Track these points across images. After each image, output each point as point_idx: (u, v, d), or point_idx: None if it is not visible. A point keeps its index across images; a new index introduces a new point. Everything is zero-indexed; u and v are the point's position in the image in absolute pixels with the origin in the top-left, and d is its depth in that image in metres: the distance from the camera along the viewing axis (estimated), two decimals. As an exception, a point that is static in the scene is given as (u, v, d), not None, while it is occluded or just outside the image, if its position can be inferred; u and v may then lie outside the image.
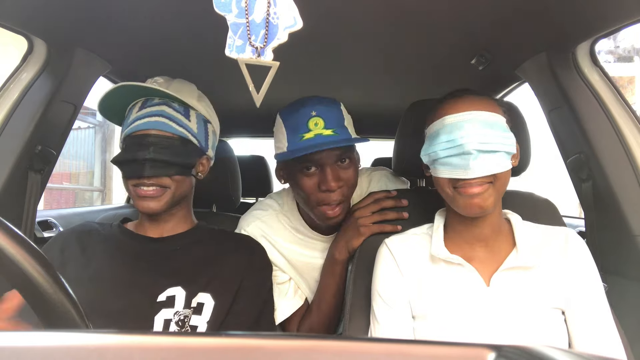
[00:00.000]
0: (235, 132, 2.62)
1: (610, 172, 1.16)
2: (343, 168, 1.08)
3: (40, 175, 1.22)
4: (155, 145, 0.92)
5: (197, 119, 1.00)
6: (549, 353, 0.28)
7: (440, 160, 0.87)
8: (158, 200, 0.94)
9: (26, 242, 0.41)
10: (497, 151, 0.84)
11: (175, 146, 0.94)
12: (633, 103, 2.50)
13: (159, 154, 0.92)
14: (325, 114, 1.06)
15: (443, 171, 0.87)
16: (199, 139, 0.99)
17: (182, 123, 0.96)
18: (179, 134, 0.95)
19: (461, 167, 0.84)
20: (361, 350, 0.30)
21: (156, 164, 0.92)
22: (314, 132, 1.04)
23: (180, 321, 0.90)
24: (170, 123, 0.95)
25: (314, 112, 1.06)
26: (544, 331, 0.85)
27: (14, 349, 0.29)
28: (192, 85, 1.07)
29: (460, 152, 0.83)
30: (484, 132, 0.84)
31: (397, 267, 0.95)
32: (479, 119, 0.85)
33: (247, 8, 0.60)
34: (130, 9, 1.04)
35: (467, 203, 0.85)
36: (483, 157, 0.83)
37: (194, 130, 0.98)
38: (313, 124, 1.05)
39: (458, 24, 1.12)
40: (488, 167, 0.83)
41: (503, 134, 0.85)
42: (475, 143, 0.82)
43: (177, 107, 0.97)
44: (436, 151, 0.87)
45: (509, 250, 0.90)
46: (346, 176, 1.08)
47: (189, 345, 0.30)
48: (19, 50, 1.18)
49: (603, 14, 1.01)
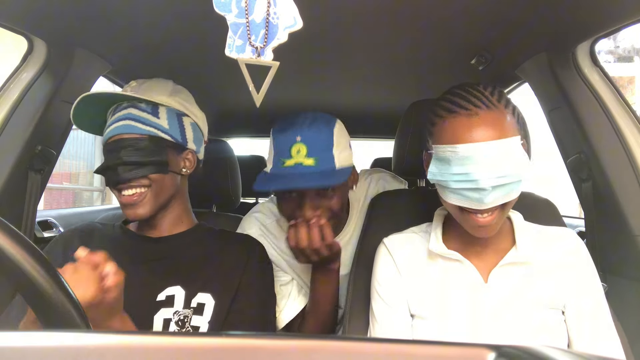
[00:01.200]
0: (235, 132, 2.62)
1: (610, 172, 1.16)
2: (325, 197, 1.05)
3: (40, 175, 1.22)
4: (125, 148, 0.93)
5: (169, 114, 0.99)
6: (548, 353, 0.28)
7: (452, 189, 0.82)
8: (142, 206, 0.94)
9: (26, 242, 0.41)
10: (512, 182, 0.79)
11: (145, 146, 0.94)
12: (633, 103, 2.50)
13: (129, 156, 0.92)
14: (311, 140, 1.02)
15: (453, 198, 0.82)
16: (172, 135, 0.98)
17: (149, 122, 0.96)
18: (147, 133, 0.95)
19: (475, 200, 0.79)
20: (361, 350, 0.30)
21: (128, 167, 0.92)
22: (295, 160, 1.01)
23: (180, 321, 0.90)
24: (136, 124, 0.94)
25: (299, 137, 1.02)
26: (542, 330, 0.84)
27: (14, 349, 0.29)
28: (166, 82, 1.05)
29: (475, 187, 0.78)
30: (500, 166, 0.77)
31: (394, 266, 0.95)
32: (495, 150, 0.78)
33: (247, 8, 0.61)
34: (131, 9, 1.04)
35: (474, 227, 0.83)
36: (498, 191, 0.79)
37: (164, 126, 0.97)
38: (295, 151, 1.02)
39: (458, 24, 1.12)
40: (502, 199, 0.80)
41: (519, 162, 0.79)
42: (492, 179, 0.77)
43: (143, 107, 0.97)
44: (447, 181, 0.81)
45: (508, 248, 0.90)
46: (328, 204, 1.05)
47: (189, 345, 0.30)
48: (19, 51, 1.18)
49: (603, 14, 1.01)
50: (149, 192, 0.94)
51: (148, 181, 0.94)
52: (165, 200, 0.99)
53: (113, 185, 0.95)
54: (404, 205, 1.18)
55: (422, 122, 0.97)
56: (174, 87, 1.05)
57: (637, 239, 1.12)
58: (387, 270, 0.96)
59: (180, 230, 1.03)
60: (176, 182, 1.01)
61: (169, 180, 0.98)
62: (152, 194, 0.95)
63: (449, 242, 0.93)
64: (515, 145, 0.80)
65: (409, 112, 1.21)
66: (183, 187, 1.05)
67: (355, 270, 1.09)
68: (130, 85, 1.03)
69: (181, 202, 1.05)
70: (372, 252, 1.05)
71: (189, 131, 1.02)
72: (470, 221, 0.82)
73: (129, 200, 0.93)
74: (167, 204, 1.01)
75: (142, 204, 0.94)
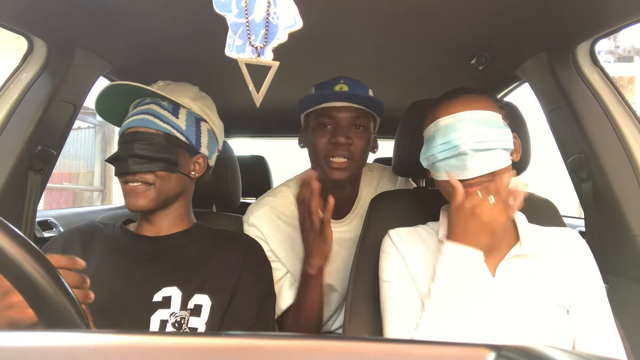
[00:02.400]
0: (235, 132, 2.62)
1: (610, 172, 1.16)
2: (355, 133, 1.18)
3: (40, 175, 1.22)
4: (139, 141, 0.94)
5: (188, 117, 1.00)
6: (549, 353, 0.28)
7: (438, 162, 0.88)
8: (144, 197, 0.95)
9: (26, 242, 0.41)
10: (493, 149, 0.84)
11: (159, 142, 0.95)
12: (633, 103, 2.50)
13: (142, 150, 0.93)
14: (352, 83, 1.20)
15: (442, 174, 0.88)
16: (187, 136, 0.99)
17: (167, 120, 0.97)
18: (163, 130, 0.96)
19: (459, 168, 0.84)
20: (361, 350, 0.30)
21: (139, 160, 0.93)
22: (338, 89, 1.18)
23: (177, 323, 0.90)
24: (155, 120, 0.96)
25: (342, 80, 1.21)
26: (548, 326, 0.84)
27: (14, 349, 0.29)
28: (192, 87, 1.08)
29: (457, 153, 0.84)
30: (478, 131, 0.84)
31: (399, 254, 0.96)
32: (472, 118, 0.85)
33: (247, 8, 0.60)
34: (131, 9, 1.04)
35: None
36: (480, 156, 0.83)
37: (182, 127, 0.98)
38: (338, 87, 1.20)
39: (458, 24, 1.12)
40: (486, 166, 0.84)
41: (499, 131, 0.85)
42: (471, 143, 0.83)
43: (165, 105, 0.99)
44: (434, 154, 0.88)
45: (513, 244, 0.91)
46: (357, 140, 1.18)
47: (188, 346, 0.30)
48: (19, 51, 1.18)
49: (603, 14, 1.01)
50: (153, 187, 0.95)
51: (154, 177, 0.95)
52: (169, 198, 0.99)
53: (120, 176, 0.96)
54: (404, 205, 1.18)
55: (422, 122, 0.97)
56: (199, 93, 1.07)
57: (637, 239, 1.12)
58: (392, 258, 0.96)
59: (178, 230, 1.03)
60: (183, 183, 1.01)
61: (175, 180, 0.99)
62: (156, 189, 0.96)
63: None
64: (496, 118, 0.86)
65: (409, 112, 1.21)
66: (189, 189, 1.06)
67: (356, 270, 1.09)
68: (157, 84, 1.04)
69: (185, 203, 1.05)
70: (372, 251, 1.04)
71: (204, 136, 1.04)
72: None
73: (132, 189, 0.94)
74: (170, 203, 1.01)
75: (144, 195, 0.95)
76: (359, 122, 1.19)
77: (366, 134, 1.21)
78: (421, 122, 0.98)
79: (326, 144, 1.17)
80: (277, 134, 2.72)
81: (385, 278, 0.96)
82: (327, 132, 1.19)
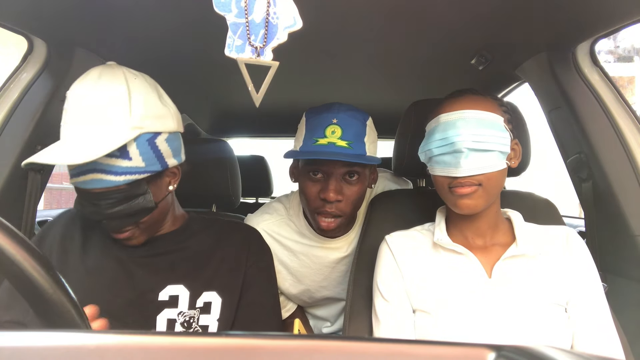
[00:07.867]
0: (235, 132, 2.62)
1: (610, 172, 1.16)
2: (349, 183, 1.08)
3: (40, 175, 1.22)
4: (104, 200, 0.82)
5: (140, 147, 0.82)
6: (549, 353, 0.28)
7: (435, 157, 0.89)
8: (136, 238, 0.91)
9: (26, 242, 0.41)
10: (490, 150, 0.84)
11: (125, 195, 0.82)
12: (633, 103, 2.50)
13: (112, 208, 0.82)
14: (346, 123, 1.05)
15: (437, 169, 0.89)
16: (150, 169, 0.85)
17: (121, 170, 0.80)
18: (123, 183, 0.81)
19: (453, 165, 0.85)
20: (361, 350, 0.30)
21: (114, 222, 0.85)
22: (328, 140, 1.03)
23: (186, 322, 0.89)
24: (107, 177, 0.79)
25: (335, 119, 1.05)
26: (546, 326, 0.85)
27: (14, 349, 0.29)
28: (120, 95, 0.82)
29: (453, 150, 0.84)
30: (477, 130, 0.84)
31: (395, 262, 0.96)
32: (473, 117, 0.85)
33: (246, 8, 0.60)
34: (130, 9, 1.04)
35: (457, 202, 0.87)
36: (474, 156, 0.84)
37: (140, 165, 0.82)
38: (330, 131, 1.04)
39: (458, 24, 1.12)
40: (478, 166, 0.84)
41: (498, 133, 0.85)
42: (468, 142, 0.83)
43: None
44: (431, 149, 0.89)
45: (509, 244, 0.91)
46: (349, 192, 1.08)
47: (189, 346, 0.30)
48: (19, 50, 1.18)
49: (603, 14, 1.01)
50: (139, 228, 0.90)
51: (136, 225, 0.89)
52: (159, 223, 0.96)
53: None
54: (404, 205, 1.18)
55: (422, 121, 0.97)
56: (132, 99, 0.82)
57: (637, 239, 1.12)
58: (387, 266, 0.97)
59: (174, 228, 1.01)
60: (165, 204, 0.94)
61: (158, 210, 0.91)
62: (144, 231, 0.92)
63: (452, 237, 0.94)
64: (497, 120, 0.86)
65: (409, 112, 1.21)
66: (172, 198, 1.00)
67: (356, 270, 1.09)
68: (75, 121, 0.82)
69: (172, 210, 1.01)
70: (372, 252, 1.05)
71: (165, 150, 0.87)
72: (454, 197, 0.87)
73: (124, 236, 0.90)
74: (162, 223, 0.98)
75: (137, 239, 0.91)
76: (353, 170, 1.07)
77: (361, 180, 1.10)
78: (421, 122, 0.98)
79: (315, 198, 1.08)
80: (277, 134, 2.72)
81: (380, 289, 0.96)
82: (317, 183, 1.08)
